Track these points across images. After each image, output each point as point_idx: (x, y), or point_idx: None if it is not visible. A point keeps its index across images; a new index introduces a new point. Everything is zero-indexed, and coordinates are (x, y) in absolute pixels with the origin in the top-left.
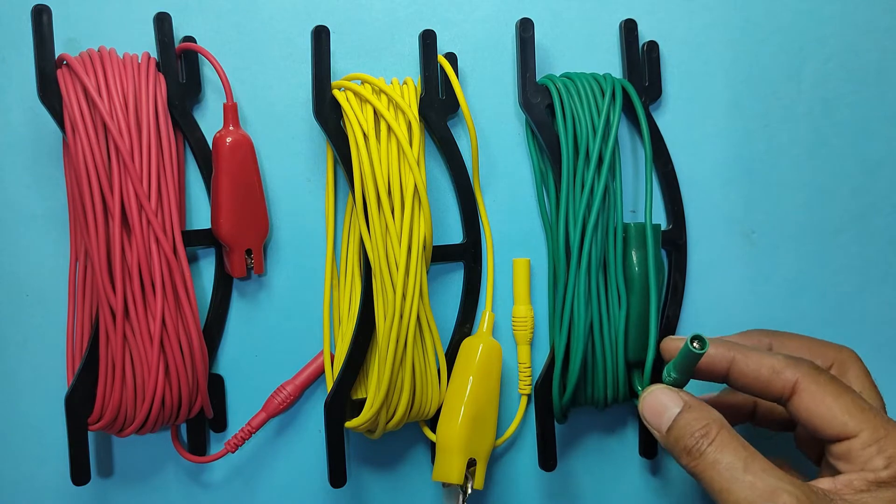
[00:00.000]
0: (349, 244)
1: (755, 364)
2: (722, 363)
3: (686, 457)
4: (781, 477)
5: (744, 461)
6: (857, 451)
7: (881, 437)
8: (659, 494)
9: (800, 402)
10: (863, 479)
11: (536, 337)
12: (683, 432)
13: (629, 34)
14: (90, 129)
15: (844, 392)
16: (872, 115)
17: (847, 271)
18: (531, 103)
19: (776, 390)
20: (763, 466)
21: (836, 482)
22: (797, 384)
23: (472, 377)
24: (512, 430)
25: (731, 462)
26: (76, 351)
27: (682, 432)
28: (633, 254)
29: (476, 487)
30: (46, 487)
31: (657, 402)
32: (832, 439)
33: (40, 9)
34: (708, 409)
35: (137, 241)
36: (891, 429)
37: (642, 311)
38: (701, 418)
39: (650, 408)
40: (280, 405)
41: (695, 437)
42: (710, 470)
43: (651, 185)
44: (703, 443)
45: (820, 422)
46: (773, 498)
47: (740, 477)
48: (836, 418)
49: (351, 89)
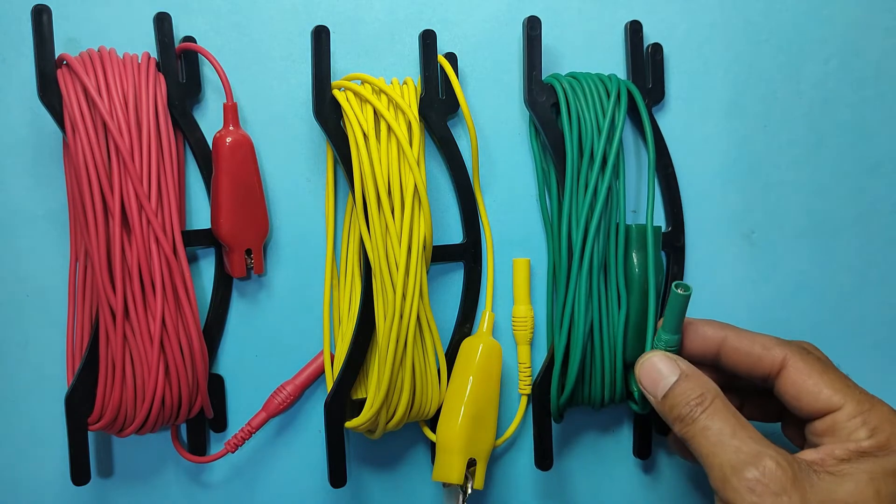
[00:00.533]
0: (349, 244)
1: (748, 340)
2: (715, 339)
3: (678, 423)
4: (767, 444)
5: (732, 427)
6: (841, 424)
7: (865, 410)
8: (653, 494)
9: (787, 378)
10: (845, 448)
11: (536, 337)
12: (678, 400)
13: (634, 36)
14: (90, 129)
15: (830, 369)
16: (872, 115)
17: (847, 271)
18: (536, 102)
19: (766, 366)
20: (751, 434)
21: (818, 452)
22: (786, 360)
23: (472, 377)
24: (512, 429)
25: (720, 428)
26: (76, 351)
27: (677, 400)
28: (634, 255)
29: (476, 487)
30: (46, 487)
31: (654, 370)
32: (818, 413)
33: (40, 9)
34: (704, 378)
35: (137, 241)
36: (875, 402)
37: (641, 312)
38: (697, 387)
39: (647, 374)
40: (280, 405)
41: (690, 406)
42: (700, 436)
43: (653, 187)
44: (696, 410)
45: (807, 396)
46: (755, 461)
47: (727, 441)
48: (822, 392)
49: (351, 89)
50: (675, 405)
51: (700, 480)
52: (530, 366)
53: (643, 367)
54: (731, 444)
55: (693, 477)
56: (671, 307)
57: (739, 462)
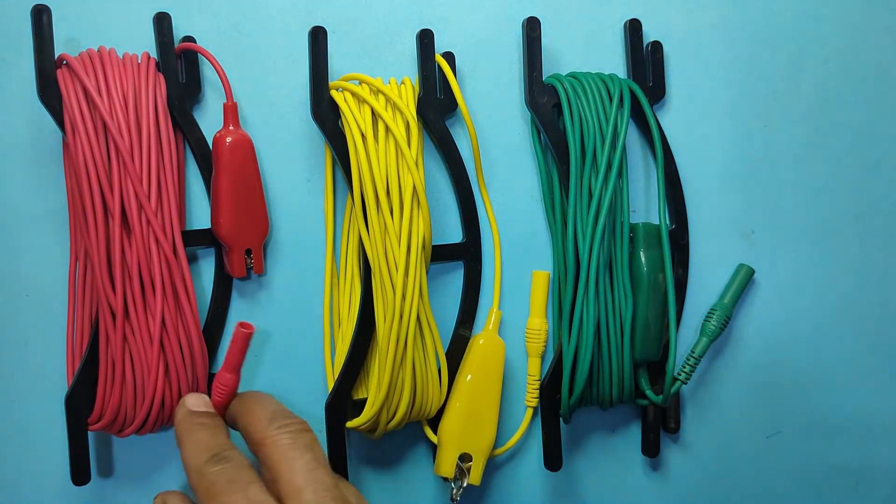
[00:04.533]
0: (349, 244)
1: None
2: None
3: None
4: None
5: None
6: None
7: None
8: (662, 492)
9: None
10: None
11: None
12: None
13: (634, 34)
14: (90, 129)
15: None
16: (872, 115)
17: (847, 271)
18: (538, 102)
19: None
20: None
21: None
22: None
23: (468, 373)
24: (515, 440)
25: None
26: (76, 351)
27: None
28: (642, 254)
29: (472, 483)
30: (46, 487)
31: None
32: None
33: (40, 9)
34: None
35: (137, 241)
36: None
37: (649, 310)
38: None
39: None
40: (220, 397)
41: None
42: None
43: (662, 188)
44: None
45: None
46: None
47: None
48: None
49: (348, 90)
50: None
51: (709, 478)
52: (539, 378)
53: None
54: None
55: (702, 475)
56: (741, 283)
57: None
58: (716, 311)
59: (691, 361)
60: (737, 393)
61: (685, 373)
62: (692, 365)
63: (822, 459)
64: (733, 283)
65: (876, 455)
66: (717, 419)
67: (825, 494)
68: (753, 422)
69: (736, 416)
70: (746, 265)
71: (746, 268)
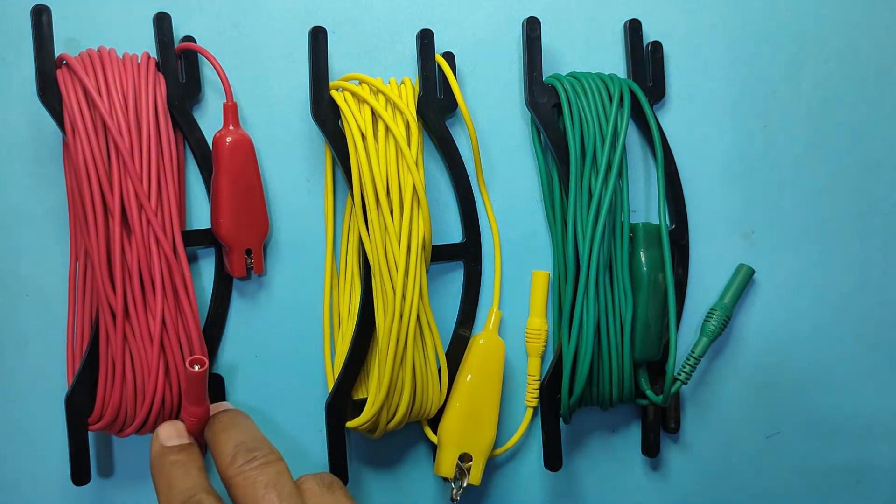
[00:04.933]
0: (349, 244)
1: None
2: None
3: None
4: None
5: None
6: None
7: None
8: (662, 492)
9: None
10: None
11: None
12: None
13: (634, 34)
14: (90, 129)
15: None
16: (872, 115)
17: (847, 271)
18: (538, 103)
19: None
20: None
21: None
22: None
23: (468, 373)
24: (515, 440)
25: None
26: (76, 351)
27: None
28: (642, 254)
29: (472, 483)
30: (46, 487)
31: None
32: None
33: (40, 9)
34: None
35: (137, 241)
36: None
37: (649, 310)
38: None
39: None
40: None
41: None
42: None
43: (662, 188)
44: None
45: None
46: None
47: None
48: None
49: (348, 90)
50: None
51: (709, 478)
52: (539, 378)
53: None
54: None
55: (702, 475)
56: (741, 283)
57: None
58: (716, 311)
59: (691, 361)
60: (737, 393)
61: (685, 373)
62: (692, 365)
63: (822, 459)
64: (733, 283)
65: (876, 455)
66: (717, 419)
67: (825, 494)
68: (753, 422)
69: (736, 416)
70: (746, 265)
71: (746, 268)
